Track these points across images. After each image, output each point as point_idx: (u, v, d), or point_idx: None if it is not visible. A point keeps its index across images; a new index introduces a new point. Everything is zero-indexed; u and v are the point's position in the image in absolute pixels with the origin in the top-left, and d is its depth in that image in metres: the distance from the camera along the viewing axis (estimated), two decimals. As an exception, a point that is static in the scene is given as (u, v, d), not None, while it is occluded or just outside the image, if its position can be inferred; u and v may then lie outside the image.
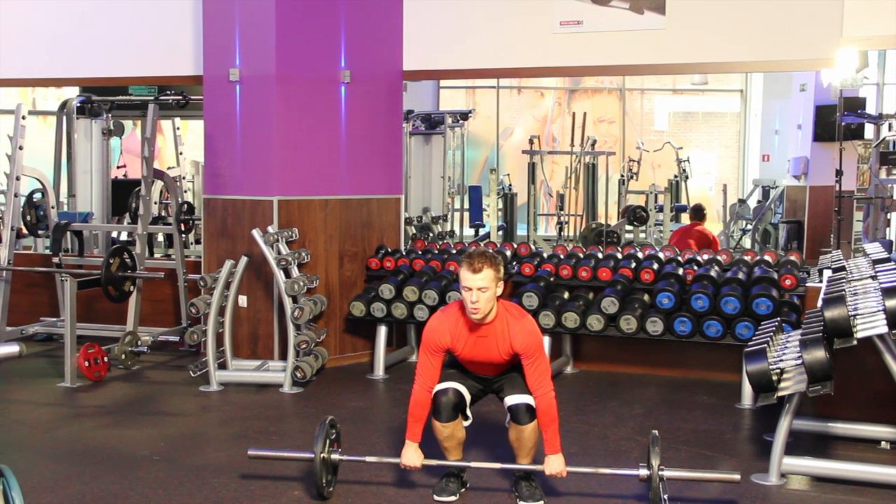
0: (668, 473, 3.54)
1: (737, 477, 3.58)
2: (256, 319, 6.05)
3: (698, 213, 8.62)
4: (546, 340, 5.50)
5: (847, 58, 6.01)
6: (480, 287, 3.45)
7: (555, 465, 3.57)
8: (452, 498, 3.73)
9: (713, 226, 10.46)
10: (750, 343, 4.12)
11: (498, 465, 3.78)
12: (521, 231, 11.15)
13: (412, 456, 3.67)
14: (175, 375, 5.98)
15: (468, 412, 3.74)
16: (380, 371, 5.95)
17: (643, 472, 3.55)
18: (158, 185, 7.68)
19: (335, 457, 3.77)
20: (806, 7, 5.84)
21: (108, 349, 5.87)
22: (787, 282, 5.46)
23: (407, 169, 8.82)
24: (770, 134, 13.42)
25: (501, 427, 4.56)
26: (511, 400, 3.64)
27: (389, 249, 6.39)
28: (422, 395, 3.67)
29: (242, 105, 6.03)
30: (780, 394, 3.84)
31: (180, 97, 7.69)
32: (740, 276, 5.53)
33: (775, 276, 5.48)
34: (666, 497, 3.51)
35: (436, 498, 3.74)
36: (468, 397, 3.72)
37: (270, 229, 5.75)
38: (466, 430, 3.78)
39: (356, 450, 4.38)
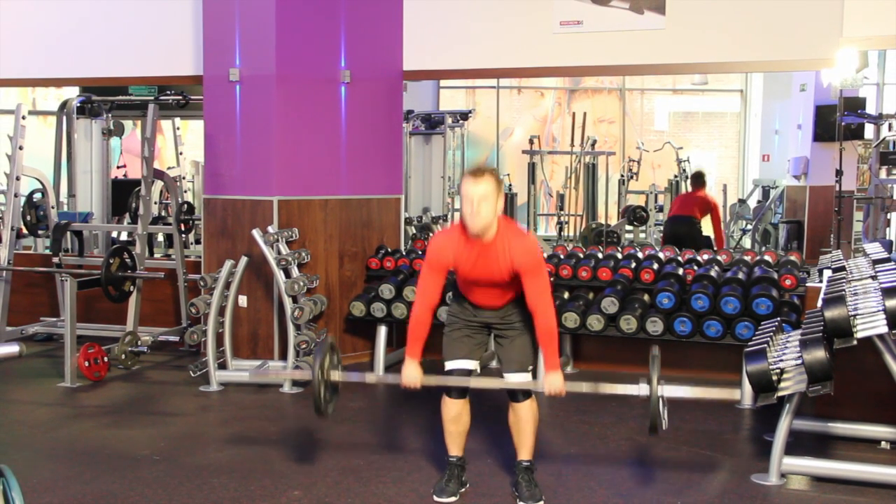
0: (667, 389, 3.59)
1: (736, 395, 3.74)
2: (256, 319, 6.05)
3: (699, 179, 8.50)
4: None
5: (847, 58, 6.02)
6: (482, 195, 3.45)
7: (554, 382, 3.57)
8: (452, 499, 3.73)
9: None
10: (750, 343, 4.12)
11: (498, 384, 3.73)
12: (521, 231, 11.11)
13: (412, 373, 3.66)
14: (175, 375, 5.98)
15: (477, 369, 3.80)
16: (380, 371, 5.95)
17: (643, 389, 3.56)
18: (158, 185, 7.68)
19: (335, 375, 3.82)
20: (806, 7, 5.84)
21: (108, 349, 5.87)
22: (787, 282, 5.46)
23: (407, 169, 8.82)
24: (770, 134, 13.42)
25: (502, 424, 4.56)
26: (510, 377, 3.69)
27: (389, 249, 6.39)
28: (422, 314, 3.67)
29: (242, 105, 6.03)
30: (780, 394, 3.84)
31: (180, 97, 7.69)
32: (740, 276, 5.53)
33: (775, 276, 5.48)
34: (665, 417, 3.57)
35: (435, 498, 3.73)
36: (477, 366, 3.77)
37: (270, 229, 5.75)
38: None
39: (356, 450, 4.39)
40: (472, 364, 3.74)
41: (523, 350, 3.69)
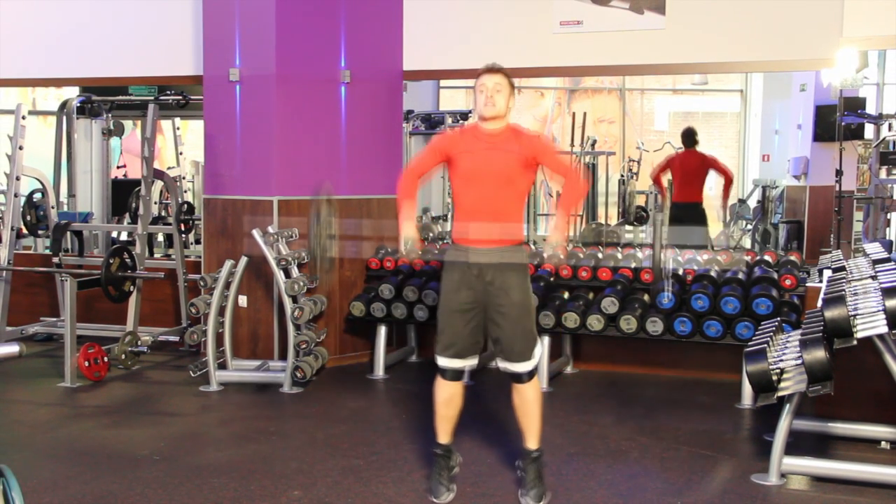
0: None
1: None
2: (256, 319, 6.05)
3: (690, 137, 7.99)
4: (546, 340, 5.51)
5: (847, 58, 6.02)
6: (496, 84, 3.62)
7: (554, 238, 3.71)
8: (450, 495, 3.69)
9: (713, 227, 10.44)
10: (750, 343, 4.12)
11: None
12: (521, 231, 11.11)
13: (409, 231, 3.67)
14: (175, 375, 5.98)
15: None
16: (380, 371, 5.94)
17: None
18: (158, 185, 7.67)
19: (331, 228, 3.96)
20: (806, 7, 5.84)
21: (108, 349, 5.87)
22: (787, 282, 5.46)
23: (407, 169, 8.80)
24: (770, 134, 13.41)
25: (502, 423, 4.56)
26: (512, 367, 3.64)
27: (389, 249, 6.39)
28: (409, 179, 3.79)
29: (242, 105, 6.03)
30: (780, 394, 3.84)
31: (180, 97, 7.69)
32: (740, 276, 5.53)
33: (775, 276, 5.48)
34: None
35: (433, 500, 3.70)
36: (472, 363, 3.72)
37: (270, 229, 5.75)
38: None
39: (356, 450, 4.39)
40: (469, 363, 3.70)
41: (525, 337, 3.62)
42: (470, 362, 3.71)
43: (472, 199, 3.62)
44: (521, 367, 3.64)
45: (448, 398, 3.71)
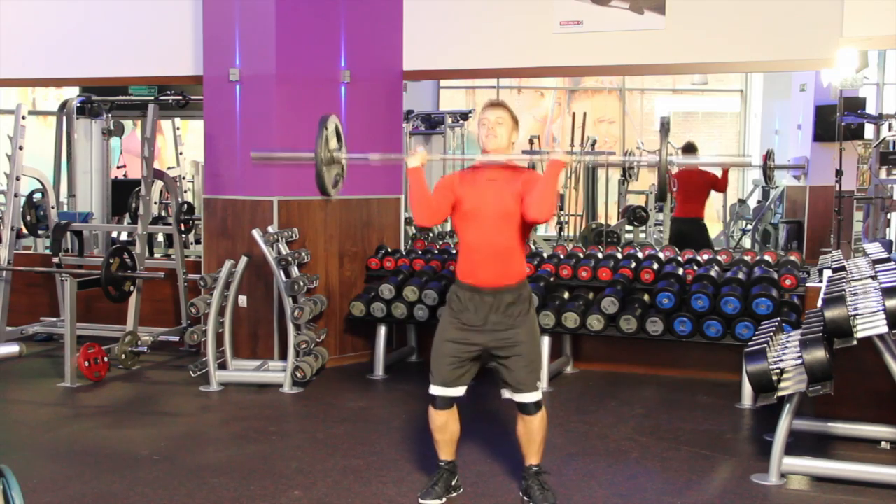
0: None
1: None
2: (256, 319, 6.05)
3: (690, 151, 7.99)
4: (546, 340, 5.51)
5: (847, 58, 6.01)
6: (498, 118, 3.58)
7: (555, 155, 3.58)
8: (437, 501, 3.67)
9: (713, 226, 10.43)
10: (750, 343, 4.12)
11: (502, 158, 3.61)
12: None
13: (417, 156, 3.61)
14: (175, 375, 5.98)
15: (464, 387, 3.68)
16: (380, 371, 5.94)
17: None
18: (158, 185, 7.68)
19: (338, 155, 3.90)
20: (806, 7, 5.84)
21: (108, 349, 5.87)
22: (787, 282, 5.46)
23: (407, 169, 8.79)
24: (770, 134, 13.41)
25: (502, 423, 4.56)
26: (519, 398, 3.58)
27: (389, 249, 6.39)
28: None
29: (242, 105, 6.03)
30: (780, 394, 3.84)
31: (180, 97, 7.69)
32: (740, 276, 5.53)
33: (775, 276, 5.48)
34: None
35: (420, 500, 3.69)
36: (462, 391, 3.65)
37: (270, 229, 5.75)
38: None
39: (356, 450, 4.39)
40: (459, 392, 3.64)
41: (530, 368, 3.58)
42: (459, 391, 3.65)
43: (474, 236, 3.60)
44: (529, 398, 3.58)
45: (442, 425, 3.68)
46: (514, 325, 3.57)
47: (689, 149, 8.22)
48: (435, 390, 3.63)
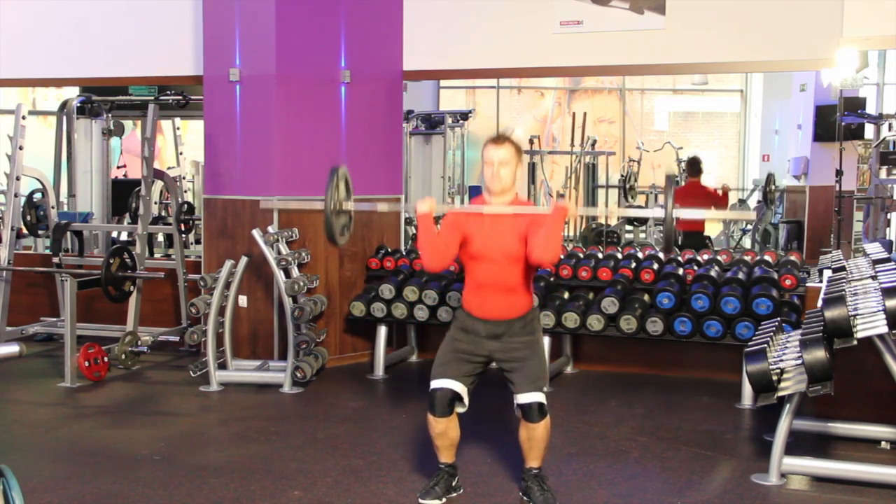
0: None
1: None
2: (256, 319, 6.05)
3: (694, 166, 8.08)
4: (546, 340, 5.51)
5: (847, 58, 6.01)
6: (502, 159, 3.55)
7: (560, 203, 3.52)
8: (437, 501, 3.67)
9: (713, 226, 10.44)
10: (750, 343, 4.12)
11: (509, 210, 3.60)
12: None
13: (427, 202, 3.60)
14: (175, 375, 5.98)
15: (465, 401, 3.66)
16: (380, 371, 5.94)
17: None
18: (158, 185, 7.68)
19: (347, 206, 3.95)
20: (806, 7, 5.84)
21: (108, 349, 5.87)
22: (787, 282, 5.46)
23: (407, 169, 8.81)
24: (770, 134, 13.42)
25: (502, 423, 4.56)
26: (523, 398, 3.57)
27: (389, 249, 6.39)
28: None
29: (242, 105, 6.03)
30: (780, 394, 3.84)
31: (180, 97, 7.69)
32: (740, 276, 5.53)
33: (775, 276, 5.48)
34: None
35: (420, 500, 3.69)
36: (464, 391, 3.63)
37: (270, 229, 5.75)
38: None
39: (356, 450, 4.39)
40: (460, 387, 3.62)
41: (536, 370, 3.60)
42: (459, 386, 3.62)
43: (482, 275, 3.64)
44: (531, 398, 3.56)
45: (441, 432, 3.67)
46: (522, 342, 3.63)
47: (694, 163, 8.33)
48: (436, 383, 3.62)
